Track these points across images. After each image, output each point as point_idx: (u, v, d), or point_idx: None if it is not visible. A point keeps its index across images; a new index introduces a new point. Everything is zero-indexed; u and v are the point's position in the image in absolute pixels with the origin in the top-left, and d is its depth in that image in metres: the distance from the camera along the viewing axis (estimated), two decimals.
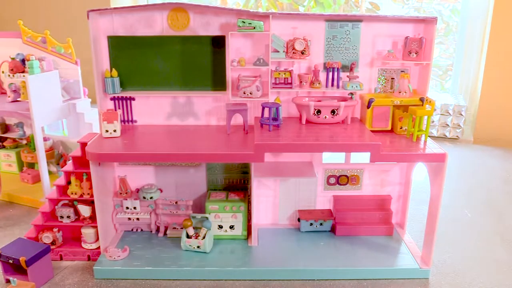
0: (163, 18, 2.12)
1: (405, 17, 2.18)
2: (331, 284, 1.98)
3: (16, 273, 1.95)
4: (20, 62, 2.76)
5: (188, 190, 2.38)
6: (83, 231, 2.18)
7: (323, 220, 2.30)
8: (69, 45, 2.79)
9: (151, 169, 2.35)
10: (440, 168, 1.91)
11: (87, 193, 2.16)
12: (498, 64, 3.99)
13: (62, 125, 3.00)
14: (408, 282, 1.99)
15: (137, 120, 2.28)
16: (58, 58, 2.81)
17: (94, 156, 1.94)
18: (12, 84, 2.84)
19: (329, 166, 2.34)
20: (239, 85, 2.12)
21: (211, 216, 2.21)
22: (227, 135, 2.11)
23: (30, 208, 2.73)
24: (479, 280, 2.02)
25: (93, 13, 2.05)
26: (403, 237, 2.27)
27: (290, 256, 2.11)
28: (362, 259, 2.08)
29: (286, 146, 1.90)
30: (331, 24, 2.13)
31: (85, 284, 1.97)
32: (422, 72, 2.17)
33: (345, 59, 2.18)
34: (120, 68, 2.18)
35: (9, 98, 2.84)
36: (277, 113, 2.05)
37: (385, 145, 1.94)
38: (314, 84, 2.13)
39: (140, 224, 2.33)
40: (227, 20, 2.11)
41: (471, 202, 2.85)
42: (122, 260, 2.07)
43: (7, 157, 3.17)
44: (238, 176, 2.39)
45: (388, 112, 2.11)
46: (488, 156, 3.77)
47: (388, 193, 2.37)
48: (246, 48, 2.15)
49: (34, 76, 2.47)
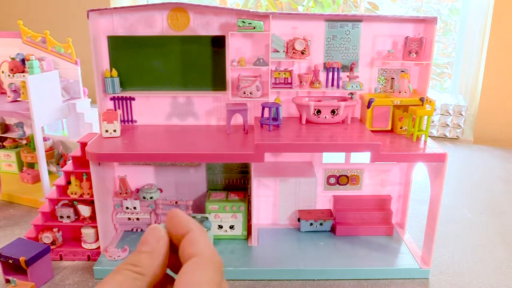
0: (163, 18, 2.12)
1: (405, 17, 2.18)
2: (331, 284, 1.98)
3: (16, 273, 1.95)
4: (20, 62, 2.76)
5: (188, 190, 2.38)
6: (83, 231, 2.18)
7: (323, 220, 2.30)
8: (69, 45, 2.78)
9: (151, 169, 2.35)
10: (440, 168, 1.90)
11: (87, 193, 2.16)
12: (498, 64, 3.99)
13: (62, 125, 3.00)
14: (408, 282, 1.99)
15: (137, 120, 2.28)
16: (58, 58, 2.81)
17: (94, 156, 1.94)
18: (12, 84, 2.84)
19: (329, 166, 2.34)
20: (239, 85, 2.12)
21: (211, 216, 2.21)
22: (227, 135, 2.11)
23: (30, 208, 2.73)
24: (479, 280, 2.02)
25: (93, 13, 2.04)
26: (403, 237, 2.27)
27: (290, 256, 2.11)
28: (362, 259, 2.08)
29: (286, 146, 1.90)
30: (331, 24, 2.13)
31: (85, 284, 1.97)
32: (422, 72, 2.17)
33: (345, 59, 2.18)
34: (120, 68, 2.18)
35: (9, 98, 2.84)
36: (277, 113, 2.05)
37: (385, 145, 1.94)
38: (314, 84, 2.13)
39: (140, 224, 2.33)
40: (227, 20, 2.11)
41: (471, 202, 2.85)
42: (122, 260, 2.07)
43: (7, 157, 3.17)
44: (238, 176, 2.39)
45: (388, 112, 2.11)
46: (488, 156, 3.77)
47: (388, 193, 2.37)
48: (246, 48, 2.15)
49: (34, 76, 2.47)
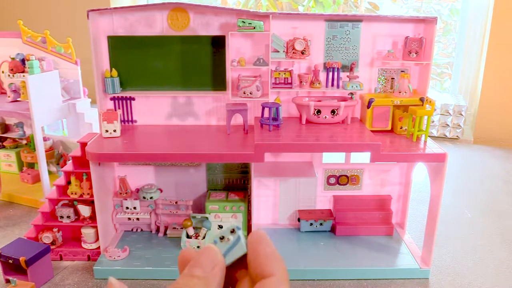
0: (163, 18, 2.12)
1: (405, 17, 2.18)
2: (331, 284, 1.98)
3: (16, 273, 1.95)
4: (20, 62, 2.76)
5: (188, 190, 2.38)
6: (83, 231, 2.17)
7: (323, 220, 2.30)
8: (69, 45, 2.78)
9: (151, 169, 2.35)
10: (440, 168, 1.90)
11: (87, 193, 2.16)
12: (498, 64, 3.99)
13: (62, 125, 3.00)
14: (408, 282, 1.99)
15: (137, 120, 2.28)
16: (58, 58, 2.81)
17: (94, 156, 1.94)
18: (12, 84, 2.84)
19: (329, 166, 2.34)
20: (239, 85, 2.12)
21: (211, 216, 2.21)
22: (227, 135, 2.11)
23: (30, 208, 2.73)
24: (479, 280, 2.02)
25: (93, 13, 2.04)
26: (403, 237, 2.27)
27: (290, 256, 2.11)
28: (362, 259, 2.08)
29: (286, 146, 1.90)
30: (331, 24, 2.13)
31: (85, 284, 1.97)
32: (422, 72, 2.17)
33: (345, 59, 2.18)
34: (120, 68, 2.18)
35: (9, 98, 2.84)
36: (277, 113, 2.05)
37: (385, 145, 1.94)
38: (314, 84, 2.13)
39: (140, 224, 2.33)
40: (227, 20, 2.11)
41: (471, 202, 2.85)
42: (122, 260, 2.07)
43: (7, 157, 3.17)
44: (238, 176, 2.39)
45: (388, 112, 2.11)
46: (488, 156, 3.77)
47: (388, 193, 2.37)
48: (246, 48, 2.15)
49: (34, 76, 2.47)
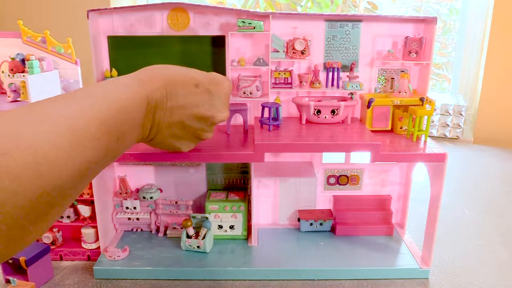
0: (163, 18, 2.12)
1: (405, 17, 2.18)
2: (331, 284, 1.98)
3: (16, 273, 1.95)
4: (20, 62, 2.76)
5: (188, 190, 2.38)
6: (83, 231, 2.18)
7: (323, 220, 2.30)
8: (69, 45, 2.79)
9: (151, 169, 2.35)
10: (440, 168, 1.90)
11: (87, 193, 2.16)
12: (498, 64, 3.99)
13: None
14: (408, 282, 1.99)
15: None
16: (58, 58, 2.81)
17: None
18: (12, 84, 2.84)
19: (329, 166, 2.34)
20: (239, 85, 2.12)
21: (211, 216, 2.21)
22: (227, 135, 2.11)
23: None
24: (479, 280, 2.02)
25: (93, 13, 2.04)
26: (403, 237, 2.27)
27: (290, 256, 2.11)
28: (362, 259, 2.08)
29: (286, 146, 1.90)
30: (331, 24, 2.13)
31: (85, 284, 1.97)
32: (422, 72, 2.17)
33: (345, 59, 2.18)
34: (120, 68, 2.18)
35: (9, 98, 2.84)
36: (277, 113, 2.05)
37: (385, 145, 1.94)
38: (314, 84, 2.13)
39: (140, 224, 2.33)
40: (227, 20, 2.11)
41: (471, 202, 2.85)
42: (122, 260, 2.07)
43: None
44: (238, 176, 2.39)
45: (388, 112, 2.11)
46: (488, 156, 3.77)
47: (388, 193, 2.37)
48: (246, 48, 2.15)
49: (34, 76, 2.48)
